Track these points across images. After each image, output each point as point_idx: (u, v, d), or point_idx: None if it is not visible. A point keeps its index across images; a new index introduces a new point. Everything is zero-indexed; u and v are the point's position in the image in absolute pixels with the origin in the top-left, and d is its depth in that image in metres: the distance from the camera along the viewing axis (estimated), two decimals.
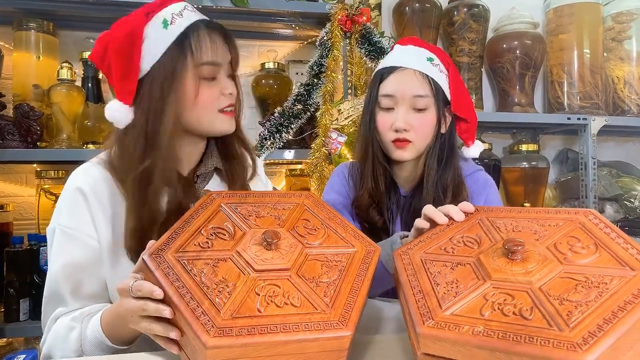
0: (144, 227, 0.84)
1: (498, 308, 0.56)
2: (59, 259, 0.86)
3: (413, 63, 1.06)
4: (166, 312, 0.62)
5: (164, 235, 0.69)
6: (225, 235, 0.71)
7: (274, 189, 1.60)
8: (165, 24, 0.86)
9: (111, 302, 0.89)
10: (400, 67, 1.06)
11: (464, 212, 0.77)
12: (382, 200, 1.10)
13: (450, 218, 0.77)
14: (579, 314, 0.52)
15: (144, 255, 0.66)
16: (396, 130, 1.04)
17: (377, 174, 1.10)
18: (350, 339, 0.61)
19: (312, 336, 0.58)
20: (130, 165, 0.86)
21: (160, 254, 0.65)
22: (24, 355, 0.64)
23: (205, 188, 0.97)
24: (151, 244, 0.69)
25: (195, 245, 0.68)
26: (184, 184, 0.92)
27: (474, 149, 1.15)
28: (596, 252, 0.62)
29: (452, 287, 0.62)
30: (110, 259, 0.87)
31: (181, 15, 0.87)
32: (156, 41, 0.85)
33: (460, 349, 0.53)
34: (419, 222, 0.82)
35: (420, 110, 1.04)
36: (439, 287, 0.63)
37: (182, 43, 0.85)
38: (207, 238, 0.70)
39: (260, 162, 1.12)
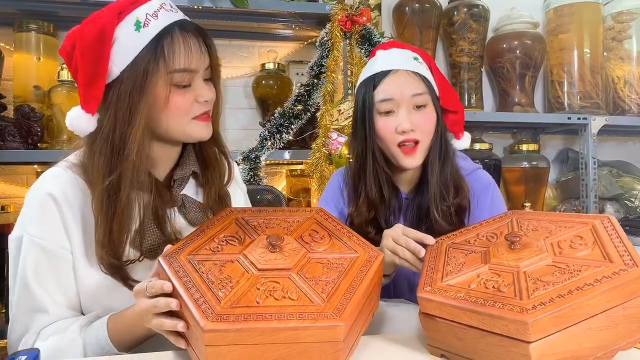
0: (114, 240, 0.81)
1: (483, 283, 0.69)
2: (30, 269, 0.81)
3: (404, 64, 1.06)
4: (174, 303, 0.66)
5: (180, 242, 0.76)
6: (235, 242, 0.77)
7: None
8: (137, 25, 0.80)
9: (83, 313, 0.87)
10: (393, 69, 1.06)
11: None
12: (381, 209, 1.09)
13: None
14: (542, 290, 0.63)
15: (160, 257, 0.72)
16: (402, 132, 1.03)
17: (381, 183, 1.08)
18: (344, 330, 0.62)
19: (304, 324, 0.61)
20: (97, 175, 0.81)
21: (174, 256, 0.72)
22: (25, 356, 0.65)
23: (182, 192, 0.94)
24: (168, 248, 0.74)
25: (206, 249, 0.75)
26: (161, 189, 0.89)
27: (465, 141, 1.16)
28: (590, 248, 0.71)
29: (458, 267, 0.75)
30: (84, 268, 0.84)
31: (156, 16, 0.81)
32: (127, 45, 0.80)
33: (444, 309, 0.68)
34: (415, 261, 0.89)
35: (420, 107, 1.05)
36: (449, 267, 0.76)
37: (154, 48, 0.80)
38: (218, 244, 0.76)
39: (236, 166, 1.09)
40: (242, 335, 0.60)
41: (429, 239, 0.88)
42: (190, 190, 0.97)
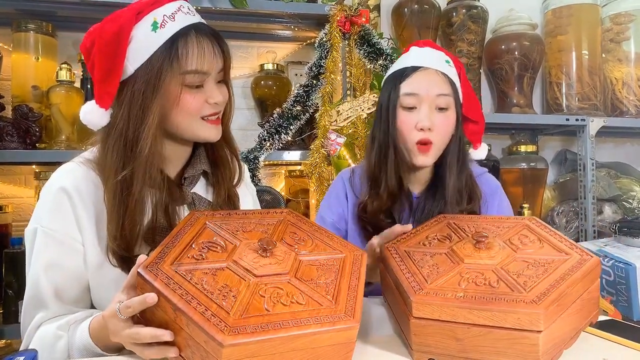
0: (126, 234, 0.82)
1: (472, 281, 0.71)
2: (41, 261, 0.83)
3: (435, 63, 1.07)
4: (166, 335, 0.61)
5: (155, 251, 0.69)
6: (217, 248, 0.72)
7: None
8: (154, 26, 0.83)
9: (94, 306, 0.89)
10: (423, 66, 1.06)
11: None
12: (399, 200, 1.09)
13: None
14: (532, 283, 0.69)
15: (139, 269, 0.64)
16: (421, 130, 1.03)
17: (402, 174, 1.09)
18: (357, 330, 0.63)
19: (323, 329, 0.60)
20: (110, 170, 0.83)
21: (156, 266, 0.65)
22: (23, 357, 0.64)
23: (192, 191, 0.95)
24: (142, 258, 0.67)
25: (189, 257, 0.69)
26: (172, 187, 0.90)
27: (481, 151, 1.17)
28: (540, 244, 0.79)
29: (434, 269, 0.76)
30: (95, 261, 0.85)
31: (173, 18, 0.84)
32: (143, 44, 0.82)
33: (446, 310, 0.68)
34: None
35: (442, 109, 1.05)
36: (423, 269, 0.77)
37: (169, 49, 0.82)
38: (199, 251, 0.70)
39: (246, 168, 1.11)
40: (263, 346, 0.57)
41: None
42: (201, 189, 0.98)
